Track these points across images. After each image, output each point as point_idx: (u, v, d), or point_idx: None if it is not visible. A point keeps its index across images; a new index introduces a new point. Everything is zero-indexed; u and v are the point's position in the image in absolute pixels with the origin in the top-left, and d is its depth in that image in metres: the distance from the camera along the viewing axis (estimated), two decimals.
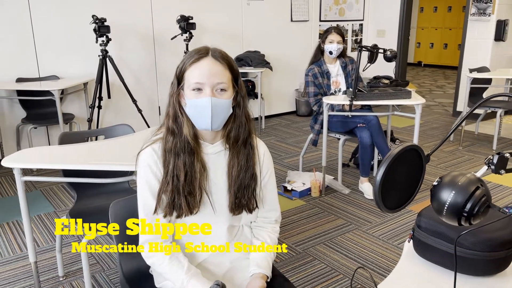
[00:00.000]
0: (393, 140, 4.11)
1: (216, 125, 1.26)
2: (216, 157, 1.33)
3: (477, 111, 5.10)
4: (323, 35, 3.60)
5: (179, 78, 1.27)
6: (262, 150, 1.40)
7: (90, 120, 4.15)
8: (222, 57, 1.25)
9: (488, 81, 4.88)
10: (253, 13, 5.57)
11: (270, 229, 1.47)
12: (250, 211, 1.37)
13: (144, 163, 1.29)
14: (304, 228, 2.96)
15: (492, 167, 0.86)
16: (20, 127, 4.19)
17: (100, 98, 4.27)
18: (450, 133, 1.01)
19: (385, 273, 2.39)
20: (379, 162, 3.87)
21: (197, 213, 1.31)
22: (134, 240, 1.38)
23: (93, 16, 4.05)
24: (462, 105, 5.05)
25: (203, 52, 1.24)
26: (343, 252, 2.65)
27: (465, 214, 0.81)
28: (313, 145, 3.68)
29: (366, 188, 3.46)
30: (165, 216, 1.30)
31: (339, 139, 3.59)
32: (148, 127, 4.47)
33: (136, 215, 1.39)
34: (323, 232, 2.91)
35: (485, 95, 4.99)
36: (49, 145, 4.32)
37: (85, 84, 4.36)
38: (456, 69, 6.14)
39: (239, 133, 1.31)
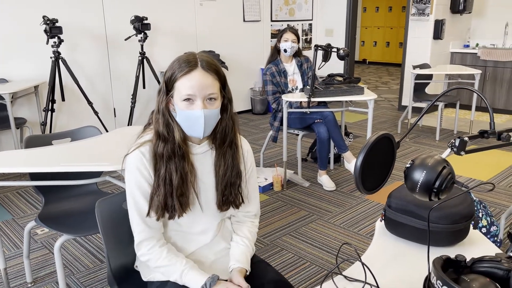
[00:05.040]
0: (346, 134, 4.32)
1: (207, 133, 1.31)
2: (203, 157, 1.38)
3: (420, 105, 5.46)
4: (279, 34, 3.72)
5: (168, 87, 1.30)
6: (245, 148, 1.47)
7: (44, 124, 4.02)
8: (210, 67, 1.28)
9: (429, 76, 5.25)
10: (206, 13, 5.61)
11: (250, 224, 1.54)
12: (237, 206, 1.44)
13: (133, 166, 1.30)
14: (270, 221, 3.07)
15: (455, 149, 1.00)
16: None
17: (53, 101, 4.15)
18: (416, 122, 1.14)
19: (347, 256, 2.56)
20: (335, 155, 4.06)
21: (188, 213, 1.35)
22: (122, 237, 1.42)
23: (44, 17, 3.93)
24: (407, 100, 5.38)
25: (192, 63, 1.27)
26: (308, 241, 2.79)
27: (435, 190, 0.94)
28: (273, 141, 3.80)
29: (325, 180, 3.64)
30: (158, 219, 1.32)
31: (297, 134, 3.74)
32: (106, 129, 4.40)
33: (121, 213, 1.42)
34: (288, 223, 3.04)
35: (427, 89, 5.35)
36: None
37: (36, 87, 4.22)
38: (398, 66, 6.51)
39: (225, 135, 1.36)
